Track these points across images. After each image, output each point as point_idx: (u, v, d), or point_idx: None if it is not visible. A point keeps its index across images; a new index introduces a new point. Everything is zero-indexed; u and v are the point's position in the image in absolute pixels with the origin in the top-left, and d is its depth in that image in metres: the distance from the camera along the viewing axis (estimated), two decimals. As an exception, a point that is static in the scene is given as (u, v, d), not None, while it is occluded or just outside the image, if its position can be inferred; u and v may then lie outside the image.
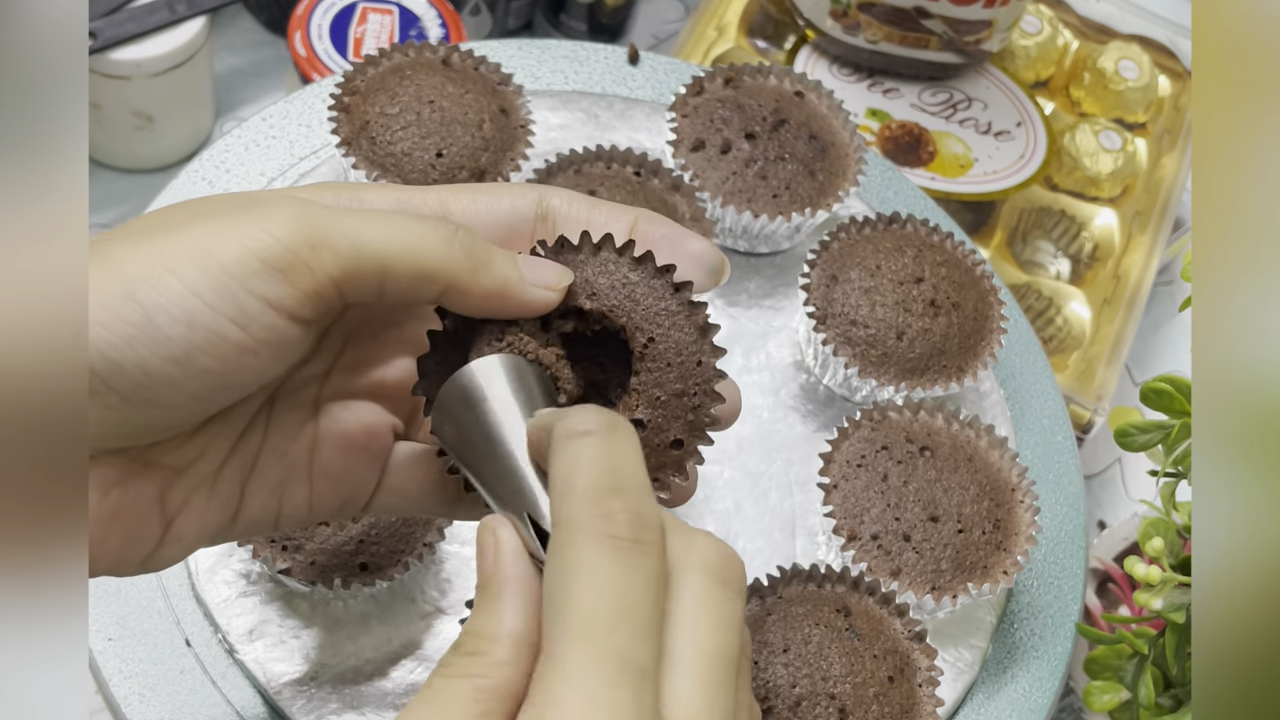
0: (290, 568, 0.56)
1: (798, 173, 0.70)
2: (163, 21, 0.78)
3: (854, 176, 0.70)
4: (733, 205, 0.69)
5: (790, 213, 0.69)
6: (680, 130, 0.71)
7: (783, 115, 0.71)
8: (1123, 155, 0.89)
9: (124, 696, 0.56)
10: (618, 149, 0.69)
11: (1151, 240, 0.87)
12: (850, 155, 0.72)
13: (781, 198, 0.69)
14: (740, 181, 0.70)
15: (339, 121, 0.67)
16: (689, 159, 0.70)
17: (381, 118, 0.67)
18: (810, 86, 0.73)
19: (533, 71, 0.77)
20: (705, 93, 0.72)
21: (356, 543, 0.56)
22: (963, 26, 0.87)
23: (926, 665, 0.57)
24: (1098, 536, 0.75)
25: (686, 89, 0.72)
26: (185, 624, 0.58)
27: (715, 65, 0.74)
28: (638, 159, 0.69)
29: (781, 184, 0.70)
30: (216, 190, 0.70)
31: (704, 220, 0.68)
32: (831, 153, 0.71)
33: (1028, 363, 0.73)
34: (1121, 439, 0.62)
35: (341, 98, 0.68)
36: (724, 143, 0.70)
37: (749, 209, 0.69)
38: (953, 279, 0.67)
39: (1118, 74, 0.93)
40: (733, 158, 0.70)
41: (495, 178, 0.67)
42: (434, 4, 0.84)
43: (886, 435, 0.63)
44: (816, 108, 0.73)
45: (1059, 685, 0.64)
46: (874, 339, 0.65)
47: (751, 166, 0.70)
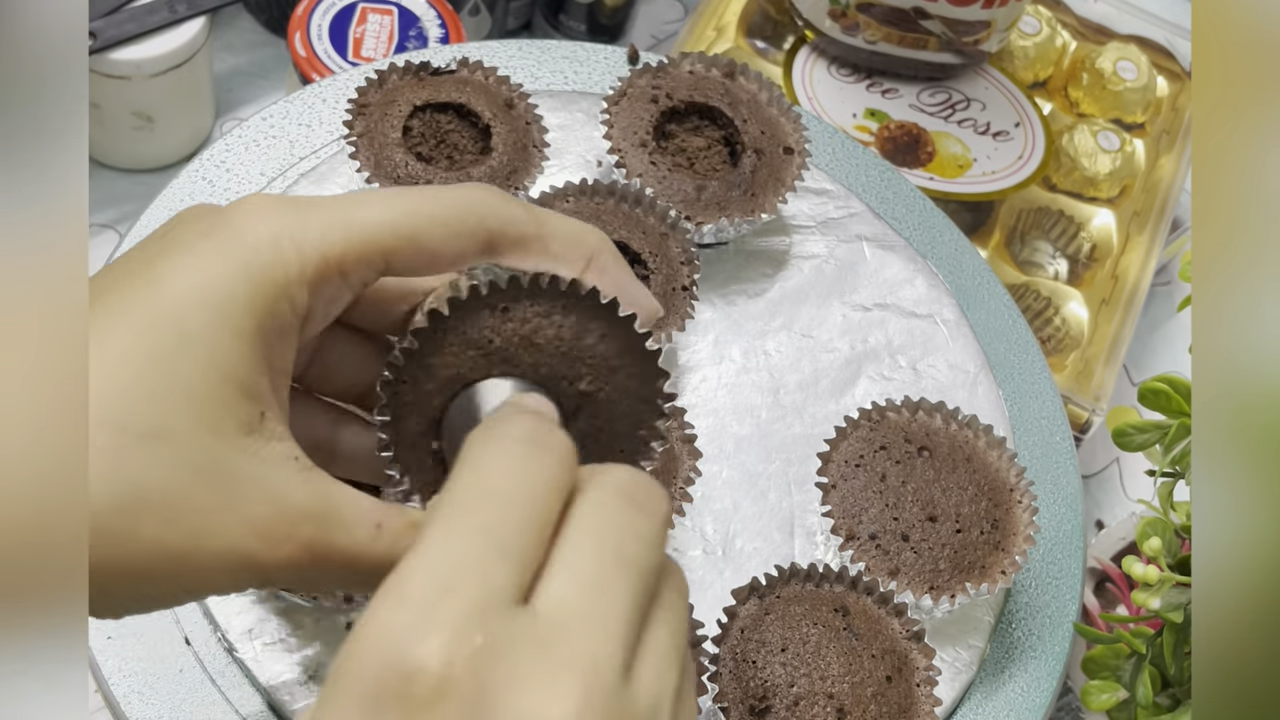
0: None
1: (728, 179, 0.70)
2: (163, 21, 0.78)
3: (795, 174, 0.71)
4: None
5: (728, 216, 0.69)
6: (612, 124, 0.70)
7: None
8: (1121, 156, 0.89)
9: (123, 695, 0.56)
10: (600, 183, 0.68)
11: (1150, 241, 0.87)
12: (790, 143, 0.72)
13: (707, 196, 0.69)
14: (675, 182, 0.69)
15: (351, 127, 0.67)
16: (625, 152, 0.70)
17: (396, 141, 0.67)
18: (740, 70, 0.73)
19: (532, 72, 0.77)
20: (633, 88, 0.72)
21: None
22: (961, 27, 0.87)
23: (924, 665, 0.57)
24: (1096, 536, 0.76)
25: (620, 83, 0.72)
26: (184, 622, 0.58)
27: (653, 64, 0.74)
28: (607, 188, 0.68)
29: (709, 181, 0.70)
30: (217, 190, 0.70)
31: (679, 229, 0.68)
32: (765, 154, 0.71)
33: (1026, 363, 0.73)
34: (1119, 439, 0.62)
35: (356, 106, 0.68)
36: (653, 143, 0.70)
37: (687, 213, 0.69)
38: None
39: (1116, 74, 0.93)
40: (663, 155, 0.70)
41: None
42: (433, 4, 0.84)
43: (885, 435, 0.63)
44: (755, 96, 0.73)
45: (1057, 685, 0.64)
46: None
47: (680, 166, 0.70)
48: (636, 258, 0.66)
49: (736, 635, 0.57)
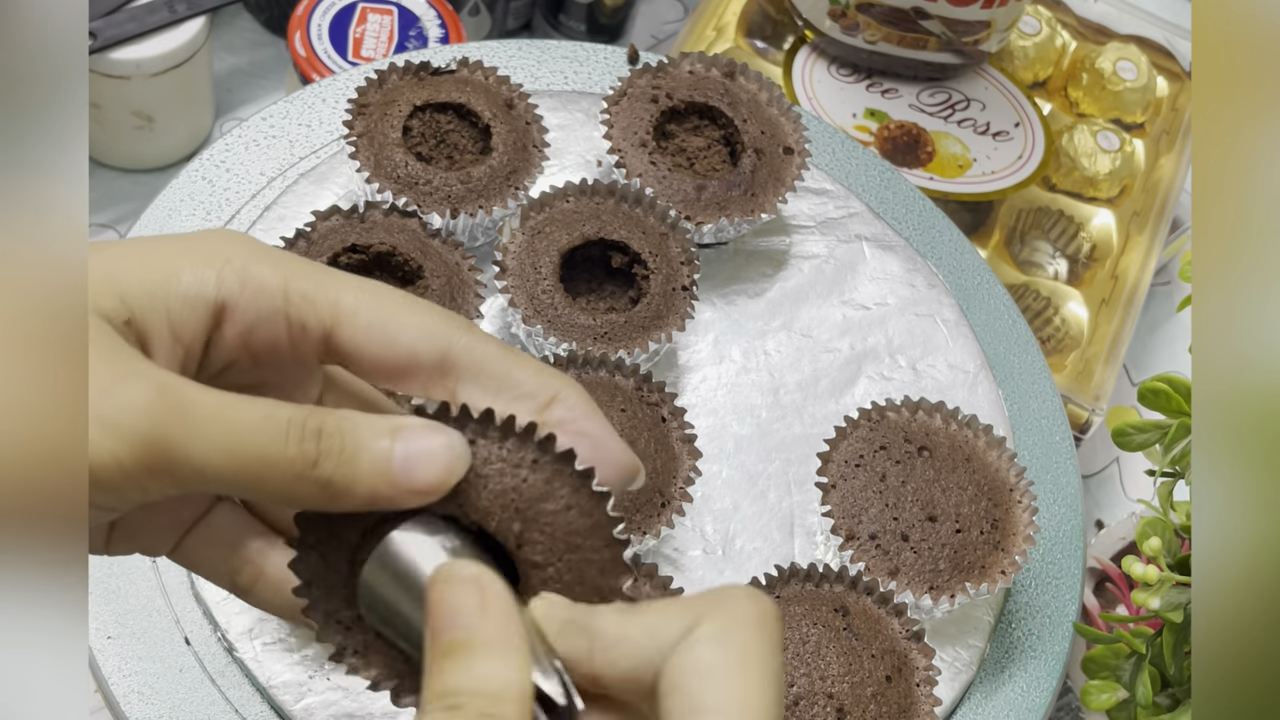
0: None
1: (729, 177, 0.70)
2: (163, 21, 0.78)
3: (795, 173, 0.71)
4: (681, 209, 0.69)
5: (730, 216, 0.69)
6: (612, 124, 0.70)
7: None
8: (1120, 156, 0.89)
9: (123, 695, 0.56)
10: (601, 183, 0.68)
11: (1149, 240, 0.87)
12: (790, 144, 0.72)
13: (708, 195, 0.69)
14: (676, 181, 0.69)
15: (351, 127, 0.67)
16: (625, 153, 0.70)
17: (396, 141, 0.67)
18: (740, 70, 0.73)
19: (532, 72, 0.77)
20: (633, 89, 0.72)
21: None
22: (961, 27, 0.87)
23: (924, 665, 0.57)
24: (1095, 536, 0.76)
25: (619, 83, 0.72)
26: (184, 622, 0.58)
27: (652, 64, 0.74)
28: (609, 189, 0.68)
29: (710, 180, 0.70)
30: (216, 190, 0.70)
31: (679, 229, 0.68)
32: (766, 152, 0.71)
33: (1025, 363, 0.73)
34: (1119, 439, 0.62)
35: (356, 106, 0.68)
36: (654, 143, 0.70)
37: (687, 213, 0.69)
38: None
39: (1116, 74, 0.93)
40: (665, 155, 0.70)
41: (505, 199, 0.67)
42: (433, 4, 0.84)
43: (885, 435, 0.63)
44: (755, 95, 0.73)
45: (1057, 684, 0.64)
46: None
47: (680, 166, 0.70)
48: (637, 258, 0.66)
49: None
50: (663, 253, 0.66)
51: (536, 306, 0.64)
